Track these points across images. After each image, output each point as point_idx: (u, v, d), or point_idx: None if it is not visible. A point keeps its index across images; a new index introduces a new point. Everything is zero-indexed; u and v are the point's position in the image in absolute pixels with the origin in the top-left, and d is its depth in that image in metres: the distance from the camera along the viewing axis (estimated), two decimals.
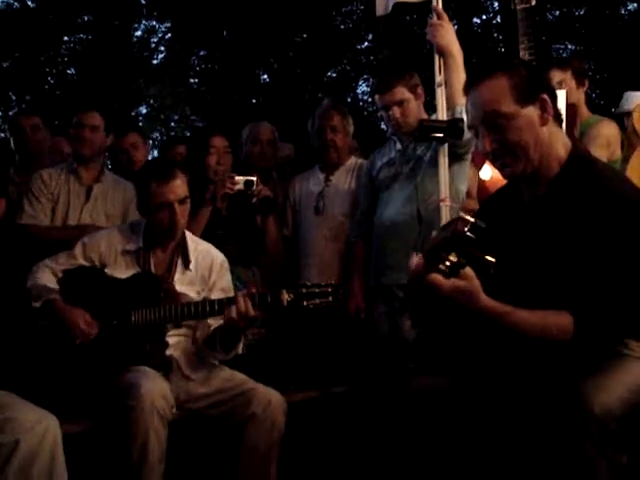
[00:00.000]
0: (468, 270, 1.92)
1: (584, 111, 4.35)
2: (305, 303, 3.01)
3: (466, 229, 1.86)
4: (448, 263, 1.88)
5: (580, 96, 4.32)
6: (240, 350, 3.28)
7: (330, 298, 3.03)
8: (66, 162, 4.17)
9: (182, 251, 3.31)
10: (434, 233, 2.09)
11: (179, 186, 3.18)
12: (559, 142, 2.22)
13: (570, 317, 2.02)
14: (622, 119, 4.58)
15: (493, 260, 1.87)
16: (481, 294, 1.98)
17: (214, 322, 3.21)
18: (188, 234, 3.36)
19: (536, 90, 2.17)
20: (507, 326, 2.03)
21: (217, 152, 4.12)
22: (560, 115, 2.27)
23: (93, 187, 4.03)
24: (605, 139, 4.15)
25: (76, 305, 3.14)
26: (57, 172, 4.03)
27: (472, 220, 1.87)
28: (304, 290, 3.04)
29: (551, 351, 2.07)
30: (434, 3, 3.36)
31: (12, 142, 4.48)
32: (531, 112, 2.16)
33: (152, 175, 3.18)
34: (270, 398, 3.08)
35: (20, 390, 2.58)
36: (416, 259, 2.01)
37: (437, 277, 1.90)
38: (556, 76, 4.19)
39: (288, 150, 5.10)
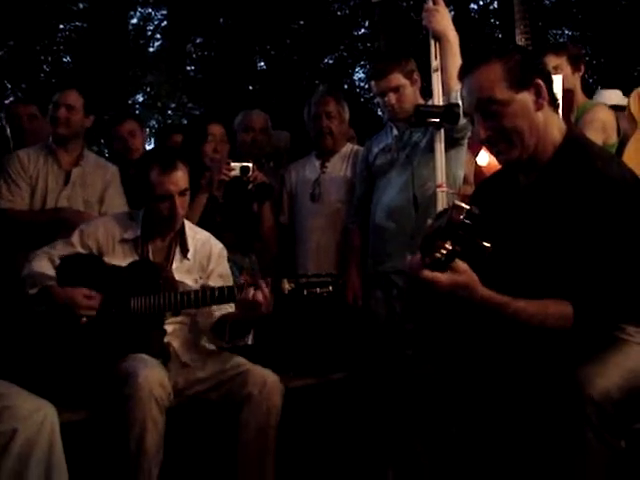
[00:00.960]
0: (462, 263, 1.92)
1: (580, 96, 4.34)
2: (305, 292, 3.01)
3: (462, 217, 1.86)
4: (444, 251, 1.89)
5: (576, 81, 4.31)
6: (249, 341, 3.28)
7: (330, 287, 3.03)
8: (47, 142, 4.05)
9: (180, 240, 3.31)
10: (429, 221, 2.10)
11: (180, 177, 3.17)
12: (554, 127, 2.22)
13: (569, 305, 2.02)
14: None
15: (489, 246, 1.87)
16: (479, 286, 1.98)
17: (218, 310, 3.22)
18: (187, 223, 3.36)
19: (530, 75, 2.16)
20: (506, 316, 2.03)
21: (214, 140, 4.11)
22: (556, 100, 2.27)
23: (72, 171, 3.96)
24: (600, 123, 4.14)
25: None
26: (35, 153, 3.94)
27: (467, 207, 1.87)
28: (305, 280, 3.04)
29: (549, 337, 2.07)
30: None
31: (8, 130, 4.46)
32: (526, 98, 2.15)
33: (154, 165, 3.16)
34: (266, 379, 3.08)
35: (17, 379, 2.57)
36: (410, 259, 2.03)
37: (435, 274, 1.91)
38: (551, 61, 4.18)
39: (285, 139, 5.09)
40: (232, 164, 3.91)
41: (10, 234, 3.73)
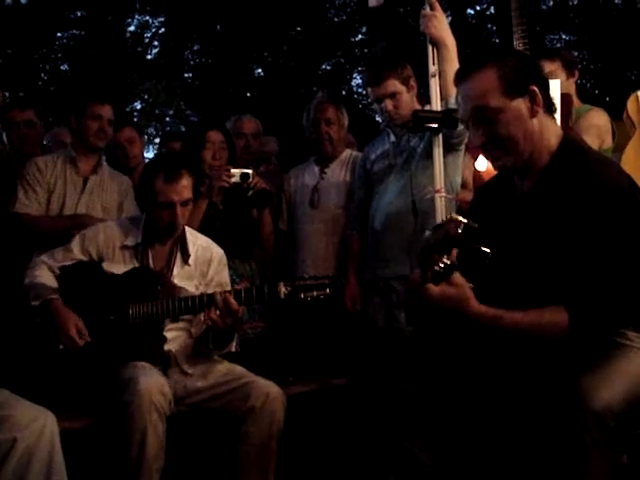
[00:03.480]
0: (459, 277, 1.93)
1: (575, 102, 4.34)
2: (302, 296, 3.01)
3: (459, 230, 1.87)
4: (442, 265, 1.90)
5: (570, 87, 4.30)
6: (233, 348, 3.28)
7: (327, 290, 3.02)
8: (64, 150, 4.09)
9: (181, 246, 3.31)
10: (427, 233, 2.10)
11: (185, 187, 3.16)
12: (550, 132, 2.22)
13: (565, 313, 2.02)
14: (613, 108, 4.56)
15: (489, 251, 1.87)
16: (472, 301, 1.98)
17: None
18: (187, 228, 3.36)
19: (525, 82, 2.16)
20: (502, 329, 2.03)
21: (213, 147, 4.10)
22: (553, 105, 2.26)
23: (89, 178, 3.98)
24: (596, 129, 4.13)
25: (74, 300, 3.13)
26: (53, 160, 3.96)
27: (464, 221, 1.88)
28: (301, 283, 3.04)
29: (550, 345, 2.06)
30: None
31: (5, 136, 4.45)
32: (520, 105, 2.15)
33: (159, 172, 3.15)
34: (269, 391, 3.08)
35: (17, 387, 2.57)
36: (412, 274, 2.04)
37: (428, 287, 1.92)
38: (545, 67, 4.15)
39: (271, 143, 5.10)
40: (232, 170, 3.90)
41: (25, 239, 3.73)
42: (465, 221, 1.88)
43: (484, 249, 1.88)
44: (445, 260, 1.89)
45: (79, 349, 3.03)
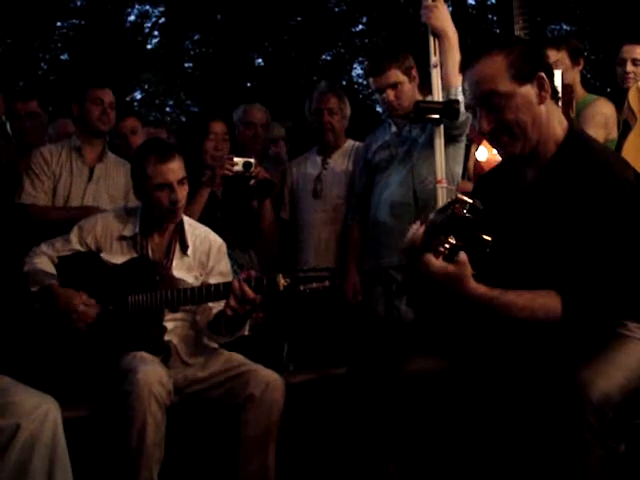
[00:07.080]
0: (462, 255, 1.92)
1: (580, 90, 4.32)
2: (302, 287, 3.00)
3: (465, 211, 1.86)
4: (447, 245, 1.89)
5: (576, 76, 4.29)
6: (246, 332, 3.28)
7: (327, 282, 3.01)
8: (69, 139, 4.08)
9: (180, 236, 3.29)
10: (431, 215, 2.09)
11: (178, 166, 3.14)
12: (556, 121, 2.21)
13: (558, 297, 2.02)
14: (619, 99, 4.55)
15: (490, 239, 1.87)
16: (470, 280, 1.97)
17: (216, 305, 3.21)
18: (186, 218, 3.34)
19: (534, 68, 2.15)
20: (496, 310, 2.03)
21: (216, 137, 4.10)
22: (557, 93, 2.26)
23: (96, 167, 3.98)
24: (602, 118, 4.11)
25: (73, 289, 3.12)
26: (58, 150, 3.95)
27: (470, 201, 1.87)
28: (301, 274, 3.02)
29: (549, 334, 2.07)
30: None
31: (8, 126, 4.44)
32: (528, 91, 2.14)
33: (150, 156, 3.14)
34: (268, 379, 3.07)
35: (19, 376, 2.58)
36: (415, 227, 2.03)
37: (430, 258, 1.91)
38: (552, 56, 4.15)
39: (278, 127, 5.09)
40: (235, 159, 3.89)
41: (32, 231, 3.73)
42: (471, 201, 1.88)
43: (485, 237, 1.88)
44: (451, 240, 1.89)
45: (81, 337, 3.03)
